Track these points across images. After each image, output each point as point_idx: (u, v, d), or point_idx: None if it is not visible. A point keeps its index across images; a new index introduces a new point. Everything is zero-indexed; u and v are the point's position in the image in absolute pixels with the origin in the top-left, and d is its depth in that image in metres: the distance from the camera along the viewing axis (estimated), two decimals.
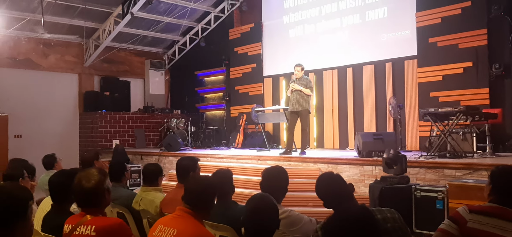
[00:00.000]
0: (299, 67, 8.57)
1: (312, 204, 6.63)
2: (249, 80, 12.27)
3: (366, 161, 7.10)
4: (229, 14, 13.17)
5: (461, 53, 8.51)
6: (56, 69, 12.81)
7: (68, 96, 13.14)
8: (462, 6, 8.53)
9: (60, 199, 3.16)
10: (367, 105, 9.98)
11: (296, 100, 8.44)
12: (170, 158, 10.26)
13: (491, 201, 2.76)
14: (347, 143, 10.21)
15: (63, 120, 12.91)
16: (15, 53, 12.01)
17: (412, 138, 9.18)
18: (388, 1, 9.78)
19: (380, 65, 9.82)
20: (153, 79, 14.40)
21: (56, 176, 3.30)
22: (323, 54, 10.79)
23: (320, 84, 10.86)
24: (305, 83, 8.48)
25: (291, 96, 8.53)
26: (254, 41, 12.19)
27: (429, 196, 5.43)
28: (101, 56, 13.17)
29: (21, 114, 11.89)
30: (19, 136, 11.97)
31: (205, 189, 2.89)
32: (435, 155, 6.90)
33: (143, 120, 13.46)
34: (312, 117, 10.89)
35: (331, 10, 10.73)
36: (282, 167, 3.57)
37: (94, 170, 2.86)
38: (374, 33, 9.95)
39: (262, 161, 8.54)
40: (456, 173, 6.10)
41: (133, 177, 9.24)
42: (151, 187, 4.25)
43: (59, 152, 6.59)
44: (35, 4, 11.05)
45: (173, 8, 12.45)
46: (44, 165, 6.00)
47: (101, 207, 2.82)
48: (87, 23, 12.29)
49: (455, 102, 8.26)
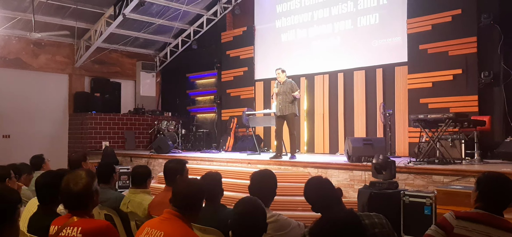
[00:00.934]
0: (279, 70, 8.48)
1: (301, 209, 6.63)
2: (241, 83, 12.27)
3: (356, 166, 7.13)
4: (222, 17, 13.18)
5: (451, 61, 8.58)
6: (47, 69, 12.72)
7: (58, 97, 13.04)
8: (452, 14, 8.61)
9: (46, 200, 3.13)
10: (358, 110, 10.03)
11: (282, 104, 8.40)
12: (159, 160, 10.21)
13: (478, 208, 2.79)
14: (337, 148, 10.24)
15: (52, 121, 12.81)
16: (5, 53, 11.92)
17: (402, 144, 9.24)
18: (380, 7, 9.85)
19: (371, 70, 9.88)
20: (144, 80, 14.35)
21: (43, 177, 3.27)
22: (314, 59, 10.83)
23: (311, 89, 10.89)
24: (291, 87, 8.43)
25: (277, 100, 8.50)
26: (246, 44, 12.20)
27: (417, 202, 5.45)
28: (92, 57, 13.11)
29: (10, 114, 11.79)
30: (8, 136, 11.86)
31: (193, 192, 2.88)
32: (424, 161, 6.94)
33: (133, 122, 13.39)
34: (302, 121, 10.93)
35: (323, 15, 10.78)
36: (270, 171, 3.56)
37: (82, 172, 2.83)
38: (365, 39, 10.01)
39: (252, 165, 8.54)
40: (445, 180, 6.15)
41: (122, 179, 9.19)
42: (139, 189, 4.23)
43: (48, 153, 6.56)
44: (26, 3, 10.97)
45: (165, 10, 12.43)
46: (32, 166, 5.94)
47: (88, 209, 2.79)
48: (78, 23, 12.24)
49: (445, 108, 8.32)
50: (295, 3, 11.37)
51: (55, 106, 12.96)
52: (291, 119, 8.44)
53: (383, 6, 9.79)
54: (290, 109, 8.40)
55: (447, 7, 8.67)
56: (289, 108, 8.39)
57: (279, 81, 8.52)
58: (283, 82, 8.48)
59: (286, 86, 8.44)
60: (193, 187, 2.93)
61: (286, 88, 8.40)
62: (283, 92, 8.37)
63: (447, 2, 8.70)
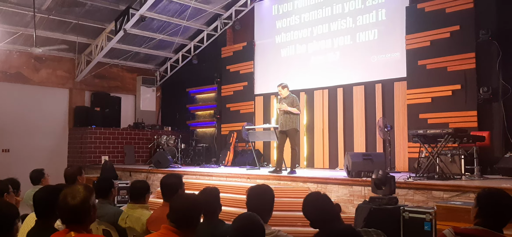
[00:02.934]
0: (280, 86, 8.60)
1: (300, 224, 6.59)
2: (241, 98, 12.30)
3: (355, 181, 7.11)
4: (222, 32, 13.26)
5: (450, 76, 8.62)
6: (47, 84, 12.76)
7: (58, 111, 13.06)
8: (451, 30, 8.67)
9: (44, 215, 3.11)
10: (357, 126, 10.03)
11: (283, 119, 8.47)
12: (159, 175, 10.18)
13: (477, 224, 2.78)
14: (337, 163, 10.23)
15: (52, 135, 12.81)
16: (6, 67, 11.97)
17: (401, 159, 9.23)
18: (379, 23, 9.91)
19: (370, 86, 9.91)
20: (145, 95, 14.38)
21: (41, 191, 3.26)
22: (314, 74, 10.88)
23: (311, 104, 10.91)
24: (291, 101, 8.49)
25: (279, 115, 8.61)
26: (246, 59, 12.25)
27: (417, 218, 5.42)
28: (93, 72, 13.16)
29: (9, 128, 11.80)
30: (7, 151, 11.85)
31: (190, 207, 2.87)
32: (423, 176, 6.93)
33: (133, 136, 13.39)
34: (302, 136, 10.92)
35: (323, 31, 10.85)
36: (267, 186, 3.54)
37: (80, 186, 2.82)
38: (364, 54, 10.06)
39: (252, 180, 8.51)
40: (444, 195, 6.13)
41: (121, 194, 9.15)
42: (138, 205, 4.21)
43: (48, 167, 6.53)
44: (28, 18, 11.05)
45: (166, 25, 12.51)
46: (31, 180, 5.93)
47: (86, 224, 2.78)
48: (79, 38, 12.31)
49: (444, 124, 8.33)
50: (295, 19, 11.45)
51: (55, 120, 12.97)
52: (292, 134, 8.46)
53: (382, 22, 9.86)
54: (291, 125, 8.42)
55: (446, 24, 8.73)
56: (289, 124, 8.42)
57: (281, 96, 8.59)
58: (286, 97, 8.53)
59: (288, 100, 8.49)
60: (190, 203, 2.92)
61: (288, 104, 8.45)
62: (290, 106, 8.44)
63: (445, 19, 8.76)
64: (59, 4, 10.99)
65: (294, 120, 8.43)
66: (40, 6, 10.85)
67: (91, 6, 11.34)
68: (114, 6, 11.56)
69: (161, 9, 11.83)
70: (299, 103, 8.65)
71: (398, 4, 9.61)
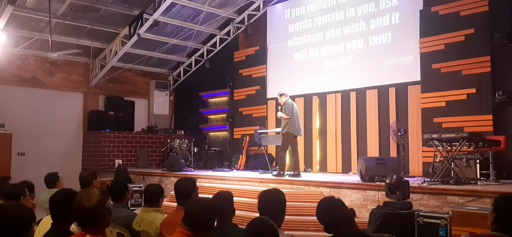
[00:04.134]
0: (278, 95, 9.04)
1: (313, 229, 6.57)
2: (253, 102, 12.31)
3: (369, 186, 7.07)
4: (235, 37, 13.30)
5: (465, 80, 8.53)
6: (62, 88, 12.92)
7: (73, 115, 13.21)
8: (465, 33, 8.59)
9: (60, 218, 3.15)
10: (370, 130, 9.97)
11: (281, 124, 8.91)
12: (172, 178, 10.24)
13: (494, 229, 2.74)
14: (350, 167, 10.17)
15: (66, 139, 12.95)
16: (22, 72, 12.14)
17: (415, 164, 9.15)
18: (392, 27, 9.86)
19: (383, 89, 9.85)
20: (158, 99, 14.48)
21: (57, 195, 3.29)
22: (326, 77, 10.85)
23: (324, 108, 10.88)
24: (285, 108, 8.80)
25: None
26: (259, 63, 12.27)
27: (432, 223, 5.37)
28: (107, 76, 13.29)
29: (25, 132, 11.95)
30: (22, 154, 12.00)
31: (204, 211, 2.87)
32: (438, 181, 6.86)
33: (146, 140, 13.48)
34: (315, 140, 10.90)
35: (335, 34, 10.82)
36: (278, 190, 3.51)
37: (96, 189, 2.85)
38: (377, 58, 10.01)
39: (264, 184, 8.51)
40: (459, 200, 6.06)
41: (135, 197, 9.21)
42: (151, 208, 4.23)
43: (62, 171, 6.59)
44: (43, 23, 11.21)
45: (179, 30, 12.60)
46: (46, 183, 5.98)
47: (101, 227, 2.80)
48: (94, 43, 12.46)
49: (459, 128, 8.25)
50: (307, 22, 11.44)
51: (70, 124, 13.12)
52: (285, 137, 8.75)
53: (395, 25, 9.81)
54: (285, 129, 8.75)
55: (460, 27, 8.66)
56: (284, 128, 8.76)
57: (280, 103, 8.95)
58: (283, 104, 8.86)
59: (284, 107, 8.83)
60: (204, 207, 2.93)
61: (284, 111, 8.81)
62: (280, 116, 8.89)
63: (459, 22, 8.69)
64: (74, 9, 11.14)
65: (286, 123, 8.71)
66: (56, 12, 11.00)
67: (105, 11, 11.47)
68: (128, 11, 11.67)
69: (175, 14, 11.91)
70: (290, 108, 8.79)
71: (411, 7, 9.55)
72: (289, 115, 8.69)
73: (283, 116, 8.73)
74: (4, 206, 2.29)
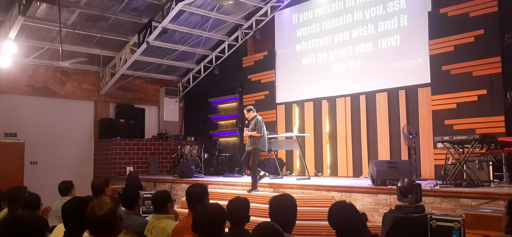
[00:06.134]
0: (245, 110, 8.97)
1: (325, 234, 6.54)
2: (262, 107, 12.29)
3: (380, 190, 7.02)
4: (243, 42, 13.34)
5: (475, 81, 8.46)
6: (73, 97, 13.04)
7: (84, 123, 13.32)
8: (475, 34, 8.53)
9: (73, 227, 3.16)
10: (381, 133, 9.92)
11: (249, 140, 8.74)
12: (183, 185, 10.26)
13: (509, 232, 2.72)
14: (361, 171, 10.12)
15: (78, 147, 13.05)
16: (34, 81, 12.28)
17: (427, 166, 9.07)
18: (401, 29, 9.82)
19: (393, 92, 9.80)
20: (168, 106, 14.55)
21: (69, 203, 3.31)
22: (335, 81, 10.82)
23: (333, 112, 10.85)
24: (254, 125, 8.64)
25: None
26: (267, 68, 12.29)
27: (445, 226, 5.31)
28: (117, 84, 13.39)
29: (37, 141, 12.07)
30: (35, 163, 12.11)
31: (213, 217, 2.87)
32: (450, 184, 6.80)
33: (157, 147, 13.53)
34: (325, 145, 10.87)
35: (344, 38, 10.80)
36: (289, 195, 3.50)
37: (107, 197, 2.87)
38: (387, 61, 9.97)
39: (275, 189, 8.50)
40: (473, 203, 6.00)
41: (146, 204, 9.23)
42: (162, 215, 4.24)
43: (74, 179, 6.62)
44: (54, 33, 11.33)
45: (188, 37, 12.66)
46: (60, 191, 6.03)
47: (113, 235, 2.82)
48: (104, 51, 12.57)
49: (470, 130, 8.17)
50: (315, 27, 11.44)
51: (81, 132, 13.23)
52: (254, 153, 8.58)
53: (404, 28, 9.77)
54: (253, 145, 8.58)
55: (470, 28, 8.60)
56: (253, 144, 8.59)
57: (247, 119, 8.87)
58: (251, 119, 8.78)
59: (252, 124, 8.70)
60: (213, 212, 2.92)
61: (252, 127, 8.66)
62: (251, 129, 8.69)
63: (469, 23, 8.63)
64: (84, 19, 11.25)
65: (257, 140, 8.57)
66: (66, 21, 11.12)
67: (115, 20, 11.57)
68: (137, 19, 11.76)
69: (183, 21, 11.98)
70: (262, 125, 8.72)
71: (420, 10, 9.50)
72: (261, 132, 8.61)
73: (255, 134, 8.55)
74: (17, 216, 2.32)
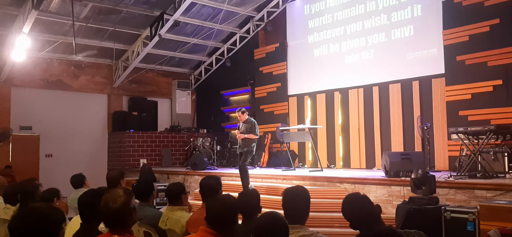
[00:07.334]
0: (239, 112, 8.74)
1: (338, 225, 6.54)
2: (274, 99, 12.30)
3: (394, 181, 6.98)
4: (254, 34, 13.31)
5: (490, 71, 8.34)
6: (86, 90, 13.16)
7: (98, 116, 13.45)
8: (490, 23, 8.39)
9: (89, 218, 3.22)
10: (394, 124, 9.84)
11: (242, 143, 8.54)
12: (196, 177, 10.32)
13: None
14: (374, 163, 10.07)
15: (92, 140, 13.19)
16: (47, 75, 12.42)
17: (441, 158, 8.99)
18: (414, 19, 9.70)
19: (406, 83, 9.71)
20: (180, 99, 14.61)
21: (85, 195, 3.36)
22: (348, 73, 10.75)
23: (346, 103, 10.79)
24: (250, 127, 8.49)
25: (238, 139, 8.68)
26: (279, 60, 12.25)
27: (459, 218, 5.28)
28: (130, 77, 13.47)
29: (52, 134, 12.22)
30: (50, 155, 12.28)
31: (225, 209, 2.88)
32: (465, 175, 6.73)
33: (169, 139, 13.62)
34: (337, 136, 10.83)
35: (356, 29, 10.71)
36: (302, 187, 3.50)
37: (120, 190, 2.90)
38: (400, 51, 9.87)
39: (288, 181, 8.51)
40: (488, 194, 5.94)
41: (160, 196, 9.32)
42: (176, 207, 4.28)
43: (88, 171, 6.74)
44: (67, 27, 11.43)
45: (199, 29, 12.67)
46: (73, 185, 6.11)
47: (127, 226, 2.86)
48: (116, 45, 12.65)
49: (485, 121, 8.07)
50: (327, 18, 11.36)
51: (95, 125, 13.36)
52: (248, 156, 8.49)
53: (418, 18, 9.65)
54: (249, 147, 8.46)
55: (484, 17, 8.46)
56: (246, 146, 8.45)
57: (240, 120, 8.70)
58: (245, 121, 8.62)
59: (247, 125, 8.56)
60: (225, 205, 2.94)
61: (247, 128, 8.49)
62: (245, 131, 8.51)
63: (484, 12, 8.49)
64: (96, 12, 11.32)
65: (250, 142, 8.46)
66: (78, 15, 11.20)
67: (127, 13, 11.62)
68: (149, 12, 11.79)
69: (195, 14, 11.99)
70: (257, 127, 8.61)
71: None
72: (257, 134, 8.53)
73: (252, 136, 8.43)
74: (35, 208, 2.36)
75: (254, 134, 8.46)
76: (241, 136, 8.52)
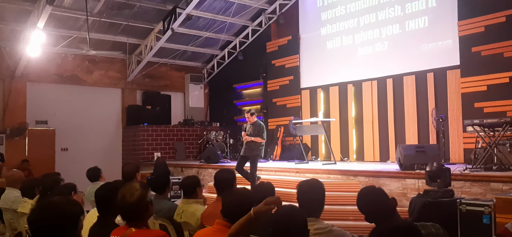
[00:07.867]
0: (248, 114, 8.34)
1: (352, 218, 6.53)
2: (287, 92, 12.28)
3: (408, 174, 6.94)
4: (267, 27, 13.27)
5: (507, 62, 8.21)
6: (100, 85, 13.28)
7: (112, 110, 13.58)
8: (506, 13, 8.25)
9: (106, 211, 3.26)
10: (409, 117, 9.77)
11: (248, 146, 8.18)
12: (209, 170, 10.38)
13: None
14: (388, 156, 10.01)
15: (107, 134, 13.33)
16: (62, 70, 12.55)
17: (456, 150, 8.91)
18: (429, 10, 9.59)
19: (421, 75, 9.61)
20: (193, 92, 14.68)
21: (102, 189, 3.41)
22: (361, 65, 10.67)
23: (359, 96, 10.73)
24: (258, 130, 8.15)
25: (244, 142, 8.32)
26: (291, 53, 12.21)
27: (475, 211, 5.24)
28: (143, 71, 13.56)
29: (67, 128, 12.37)
30: (66, 149, 12.44)
31: (241, 202, 2.90)
32: (480, 167, 6.66)
33: (183, 133, 13.70)
34: (351, 129, 10.79)
35: (370, 20, 10.62)
36: (317, 180, 3.50)
37: (136, 184, 2.94)
38: (414, 43, 9.77)
39: (301, 174, 8.51)
40: (504, 187, 5.87)
41: (174, 189, 9.40)
42: (192, 200, 4.32)
43: (103, 165, 6.81)
44: (81, 22, 11.52)
45: (211, 23, 12.68)
46: (89, 178, 6.20)
47: (144, 219, 2.90)
48: (129, 39, 12.71)
49: (501, 112, 7.96)
50: (340, 9, 11.28)
51: (109, 119, 13.49)
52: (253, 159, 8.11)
53: (432, 9, 9.53)
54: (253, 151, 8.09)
55: (500, 7, 8.33)
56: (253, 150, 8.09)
57: (248, 122, 8.33)
58: (253, 124, 8.27)
59: (255, 127, 8.20)
60: (240, 197, 2.96)
61: (254, 131, 8.17)
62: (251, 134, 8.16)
63: (500, 2, 8.36)
64: (110, 7, 11.39)
65: (257, 146, 8.10)
66: (92, 10, 11.28)
67: (140, 7, 11.67)
68: (162, 6, 11.84)
69: (207, 7, 11.99)
70: (265, 131, 8.26)
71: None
72: (264, 138, 8.18)
73: (258, 140, 8.05)
74: (53, 202, 2.39)
75: (260, 138, 8.13)
76: (247, 138, 8.17)
